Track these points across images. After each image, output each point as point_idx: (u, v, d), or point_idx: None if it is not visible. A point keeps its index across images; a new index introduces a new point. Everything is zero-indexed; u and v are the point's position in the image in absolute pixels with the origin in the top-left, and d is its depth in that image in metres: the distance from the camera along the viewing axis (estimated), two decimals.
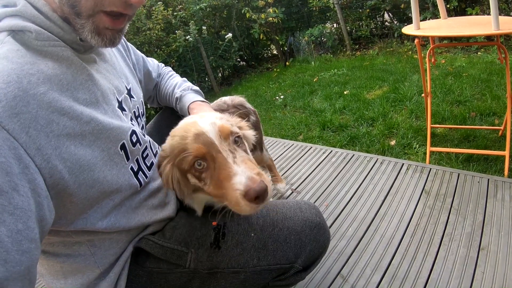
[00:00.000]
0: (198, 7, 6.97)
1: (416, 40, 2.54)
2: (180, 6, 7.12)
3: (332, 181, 2.37)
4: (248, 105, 1.88)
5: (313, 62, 6.76)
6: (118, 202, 0.94)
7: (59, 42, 0.83)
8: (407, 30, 2.47)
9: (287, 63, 7.47)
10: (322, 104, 4.45)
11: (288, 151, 2.94)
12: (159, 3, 6.60)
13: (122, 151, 0.93)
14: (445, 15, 2.66)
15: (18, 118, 0.68)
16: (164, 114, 1.64)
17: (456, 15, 5.55)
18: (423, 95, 2.74)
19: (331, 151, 2.78)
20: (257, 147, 1.95)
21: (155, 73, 1.58)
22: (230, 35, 7.02)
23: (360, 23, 6.94)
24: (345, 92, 4.64)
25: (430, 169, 2.25)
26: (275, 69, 7.49)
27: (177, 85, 1.54)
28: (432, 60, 2.70)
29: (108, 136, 0.88)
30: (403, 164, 2.37)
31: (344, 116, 3.96)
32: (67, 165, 0.76)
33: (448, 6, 5.22)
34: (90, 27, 0.84)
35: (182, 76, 1.64)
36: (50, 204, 0.73)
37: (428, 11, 5.68)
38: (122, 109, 1.03)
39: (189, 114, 1.38)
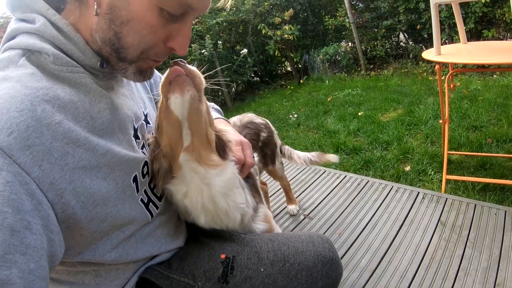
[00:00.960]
0: (214, 21, 7.02)
1: (437, 66, 2.53)
2: (197, 20, 7.18)
3: (346, 208, 2.34)
4: (258, 120, 1.87)
5: (327, 81, 6.77)
6: (129, 234, 0.92)
7: (77, 68, 0.80)
8: (428, 55, 2.44)
9: (301, 81, 7.48)
10: (336, 125, 4.43)
11: (301, 174, 2.93)
12: None
13: (134, 183, 0.91)
14: (464, 39, 2.65)
15: (30, 150, 0.64)
16: None
17: (471, 37, 5.53)
18: (440, 121, 2.71)
19: (345, 176, 2.76)
20: (268, 160, 1.93)
21: None
22: (245, 50, 7.06)
23: (375, 43, 6.95)
24: (359, 114, 4.63)
25: (446, 199, 2.21)
26: (289, 87, 7.51)
27: None
28: (451, 86, 2.67)
29: (123, 168, 0.85)
30: (418, 193, 2.34)
31: (358, 138, 3.94)
32: (80, 199, 0.73)
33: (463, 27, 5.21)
34: (133, 70, 0.86)
35: None
36: (61, 239, 0.70)
37: (444, 32, 5.67)
38: (137, 137, 1.01)
39: None
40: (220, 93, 7.13)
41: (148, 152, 1.05)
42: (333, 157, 2.25)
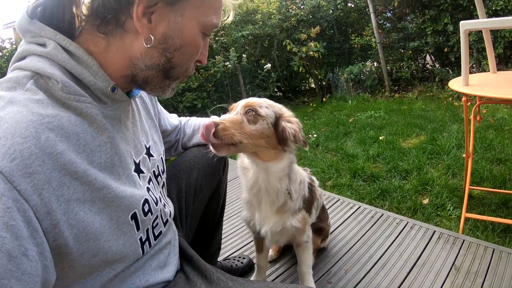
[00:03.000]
0: (240, 34, 7.05)
1: (463, 98, 2.42)
2: (222, 32, 7.23)
3: (356, 242, 2.26)
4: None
5: (350, 101, 6.69)
6: (119, 271, 0.91)
7: (85, 97, 0.81)
8: (455, 85, 2.33)
9: (324, 99, 7.42)
10: (355, 148, 4.34)
11: None
12: None
13: (133, 220, 0.91)
14: (494, 68, 2.56)
15: (32, 178, 0.65)
16: (182, 158, 1.62)
17: (500, 62, 5.41)
18: (464, 155, 2.61)
19: (359, 206, 2.67)
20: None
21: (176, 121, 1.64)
22: (269, 65, 7.05)
23: (401, 64, 6.84)
24: (380, 138, 4.53)
25: (463, 241, 2.10)
26: (311, 104, 7.46)
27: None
28: (478, 118, 2.55)
29: (119, 204, 0.85)
30: (434, 231, 2.23)
31: (377, 164, 3.84)
32: (73, 231, 0.73)
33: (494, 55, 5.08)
34: (175, 85, 1.00)
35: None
36: (53, 265, 0.71)
37: (472, 56, 5.53)
38: (140, 172, 1.02)
39: None
40: None
41: (159, 184, 1.16)
42: None
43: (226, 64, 6.63)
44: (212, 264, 1.90)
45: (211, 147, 1.26)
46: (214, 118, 1.26)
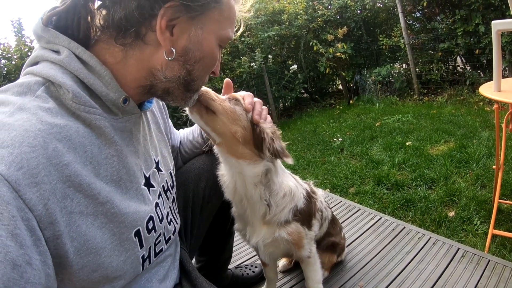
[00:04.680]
0: (266, 34, 7.01)
1: (495, 106, 2.29)
2: (248, 32, 7.19)
3: (375, 256, 2.17)
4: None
5: (377, 104, 6.56)
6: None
7: (95, 109, 0.82)
8: (485, 91, 2.19)
9: (351, 102, 7.30)
10: (380, 154, 4.24)
11: (334, 209, 2.78)
12: None
13: (136, 237, 0.91)
14: None
15: (38, 188, 0.65)
16: (191, 165, 1.61)
17: None
18: (494, 166, 2.47)
19: (380, 218, 2.58)
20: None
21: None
22: (295, 66, 6.98)
23: (431, 66, 6.63)
24: (407, 143, 4.42)
25: (489, 261, 1.98)
26: (338, 106, 7.36)
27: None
28: (510, 127, 2.39)
29: (122, 220, 0.85)
30: (458, 249, 2.12)
31: (402, 172, 3.73)
32: (73, 244, 0.73)
33: None
34: (196, 96, 1.06)
35: None
36: (54, 274, 0.70)
37: (504, 59, 5.31)
38: (150, 186, 1.03)
39: None
40: (268, 107, 7.07)
41: (168, 200, 1.18)
42: None
43: (251, 65, 6.61)
44: (222, 272, 1.90)
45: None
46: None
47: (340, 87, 8.38)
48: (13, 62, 4.83)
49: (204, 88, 1.18)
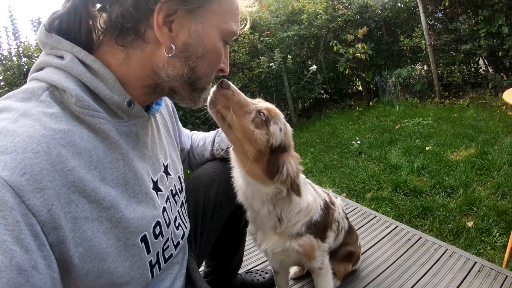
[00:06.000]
0: (285, 34, 6.99)
1: None
2: (267, 32, 7.17)
3: (388, 267, 2.13)
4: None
5: (397, 106, 6.48)
6: None
7: (98, 113, 0.82)
8: (509, 97, 2.13)
9: (371, 103, 7.21)
10: (399, 159, 4.19)
11: (349, 215, 2.74)
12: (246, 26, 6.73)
13: (143, 243, 0.90)
14: None
15: (42, 193, 0.66)
16: (204, 170, 1.59)
17: None
18: None
19: (396, 226, 2.53)
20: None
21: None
22: (315, 67, 6.93)
23: (453, 68, 6.49)
24: (427, 148, 4.35)
25: (506, 277, 1.93)
26: (357, 108, 7.31)
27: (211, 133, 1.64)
28: None
29: (127, 226, 0.85)
30: (475, 263, 2.06)
31: (421, 178, 3.67)
32: (78, 250, 0.73)
33: None
34: (205, 96, 1.02)
35: None
36: (60, 278, 0.71)
37: None
38: (158, 190, 1.02)
39: None
40: (286, 108, 7.04)
41: (176, 204, 1.17)
42: None
43: (270, 65, 6.59)
44: (231, 278, 1.89)
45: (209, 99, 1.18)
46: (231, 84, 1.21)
47: (360, 88, 8.31)
48: (33, 60, 4.95)
49: (228, 92, 1.17)
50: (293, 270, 2.10)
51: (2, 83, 5.04)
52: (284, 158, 1.24)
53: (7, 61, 5.10)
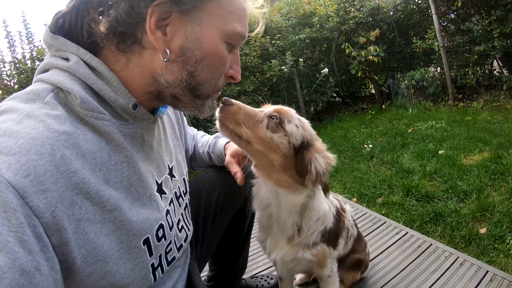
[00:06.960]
0: (297, 37, 6.97)
1: None
2: (279, 35, 7.16)
3: (397, 274, 2.09)
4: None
5: (410, 109, 6.41)
6: None
7: (103, 115, 0.82)
8: None
9: (383, 106, 7.14)
10: (411, 163, 4.12)
11: (358, 221, 2.70)
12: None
13: (145, 245, 0.90)
14: None
15: (45, 195, 0.66)
16: (206, 173, 1.59)
17: None
18: None
19: (406, 233, 2.49)
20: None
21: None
22: (326, 70, 6.89)
23: (466, 70, 6.39)
24: (439, 152, 4.28)
25: None
26: (370, 111, 7.25)
27: (211, 137, 1.60)
28: None
29: (130, 228, 0.84)
30: (487, 272, 2.01)
31: (433, 182, 3.61)
32: (81, 252, 0.73)
33: None
34: (210, 104, 0.98)
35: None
36: (62, 279, 0.70)
37: None
38: (162, 192, 1.02)
39: (225, 153, 1.47)
40: (298, 111, 7.00)
41: (180, 206, 1.16)
42: None
43: (282, 68, 6.58)
44: (235, 282, 1.87)
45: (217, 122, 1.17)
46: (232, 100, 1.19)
47: (373, 91, 8.24)
48: None
49: (233, 107, 1.15)
50: (299, 277, 2.08)
51: (16, 86, 5.14)
52: (310, 155, 1.20)
53: (21, 65, 5.20)
